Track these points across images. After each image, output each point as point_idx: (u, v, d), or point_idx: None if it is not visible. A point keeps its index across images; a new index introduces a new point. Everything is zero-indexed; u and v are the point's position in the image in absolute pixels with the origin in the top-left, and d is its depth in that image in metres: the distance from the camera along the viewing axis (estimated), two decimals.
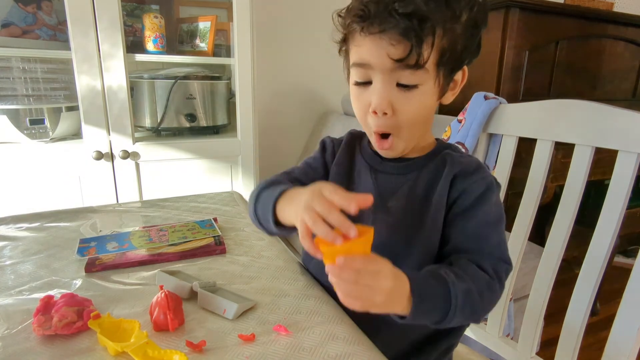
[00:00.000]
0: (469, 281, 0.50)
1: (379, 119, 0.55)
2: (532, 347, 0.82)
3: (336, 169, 0.67)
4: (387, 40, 0.50)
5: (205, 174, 1.51)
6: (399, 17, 0.48)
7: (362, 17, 0.51)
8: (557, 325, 0.78)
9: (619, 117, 0.68)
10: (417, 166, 0.61)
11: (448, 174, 0.59)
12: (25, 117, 1.29)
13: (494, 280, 0.53)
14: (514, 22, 1.68)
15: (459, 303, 0.48)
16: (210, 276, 0.66)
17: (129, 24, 1.48)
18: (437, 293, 0.48)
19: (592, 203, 0.90)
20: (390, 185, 0.62)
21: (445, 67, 0.54)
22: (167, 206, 1.00)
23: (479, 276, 0.52)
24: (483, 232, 0.57)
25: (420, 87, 0.53)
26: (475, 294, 0.50)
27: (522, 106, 0.87)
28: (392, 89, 0.53)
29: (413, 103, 0.54)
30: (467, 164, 0.60)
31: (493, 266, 0.54)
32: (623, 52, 1.99)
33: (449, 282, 0.48)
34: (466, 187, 0.57)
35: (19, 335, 0.51)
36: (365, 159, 0.65)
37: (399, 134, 0.57)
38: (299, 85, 2.04)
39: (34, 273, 0.67)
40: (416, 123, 0.56)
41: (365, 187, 0.63)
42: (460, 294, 0.48)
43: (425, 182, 0.60)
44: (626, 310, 0.67)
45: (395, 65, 0.51)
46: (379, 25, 0.50)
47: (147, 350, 0.46)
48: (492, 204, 0.58)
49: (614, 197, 0.69)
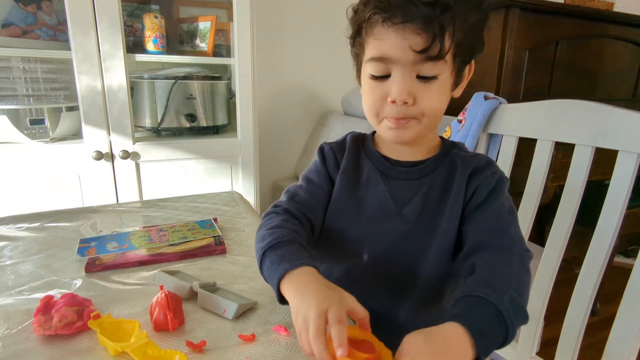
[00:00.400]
0: (507, 289, 0.48)
1: (399, 107, 0.54)
2: (532, 347, 0.82)
3: (343, 177, 0.64)
4: (411, 31, 0.50)
5: (205, 174, 1.51)
6: (422, 6, 0.48)
7: (383, 8, 0.50)
8: (558, 325, 0.78)
9: (619, 117, 0.68)
10: (429, 169, 0.61)
11: (462, 176, 0.59)
12: (25, 117, 1.29)
13: (523, 272, 0.53)
14: (514, 22, 1.67)
15: (512, 317, 0.46)
16: (210, 276, 0.66)
17: (129, 24, 1.48)
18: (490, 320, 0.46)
19: (592, 203, 0.90)
20: (404, 192, 0.61)
21: (460, 59, 0.55)
22: (167, 206, 1.00)
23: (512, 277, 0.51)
24: (501, 225, 0.57)
25: (439, 77, 0.53)
26: (517, 299, 0.48)
27: (522, 106, 0.87)
28: (412, 80, 0.53)
29: (433, 93, 0.54)
30: (478, 161, 0.60)
31: (519, 258, 0.54)
32: (623, 52, 1.99)
33: (493, 301, 0.46)
34: (480, 183, 0.58)
35: (19, 335, 0.51)
36: (374, 164, 0.63)
37: (420, 120, 0.56)
38: (299, 85, 2.04)
39: (34, 273, 0.67)
40: (436, 112, 0.56)
41: (378, 194, 0.62)
42: (509, 307, 0.46)
43: (440, 186, 0.60)
44: (626, 311, 0.67)
45: (417, 58, 0.51)
46: (402, 15, 0.49)
47: (147, 350, 0.46)
48: (505, 197, 0.58)
49: (614, 197, 0.69)
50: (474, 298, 0.47)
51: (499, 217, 0.57)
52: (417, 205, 0.60)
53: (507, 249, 0.54)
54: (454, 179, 0.59)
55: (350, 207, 0.63)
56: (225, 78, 1.55)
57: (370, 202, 0.62)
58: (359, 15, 0.54)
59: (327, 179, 0.65)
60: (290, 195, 0.64)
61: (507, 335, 0.46)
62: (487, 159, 0.61)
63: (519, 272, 0.52)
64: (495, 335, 0.46)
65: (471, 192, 0.58)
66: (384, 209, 0.61)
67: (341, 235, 0.63)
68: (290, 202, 0.62)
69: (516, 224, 0.58)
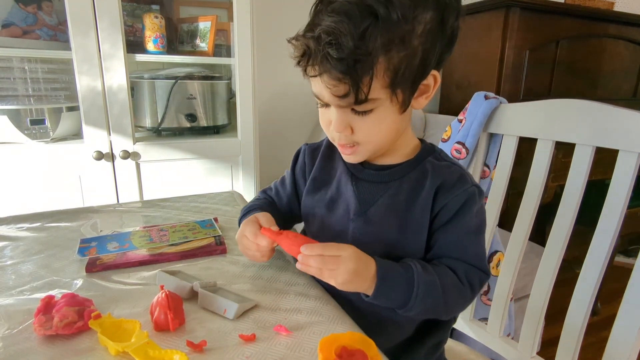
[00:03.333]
0: (435, 275, 0.54)
1: (341, 135, 0.57)
2: (533, 347, 0.82)
3: (313, 182, 0.68)
4: (327, 81, 0.51)
5: (205, 174, 1.51)
6: (334, 62, 0.48)
7: (304, 55, 0.52)
8: (558, 325, 0.77)
9: (619, 117, 0.68)
10: (398, 174, 0.61)
11: (431, 187, 0.59)
12: (25, 118, 1.29)
13: (463, 284, 0.56)
14: (514, 22, 1.67)
15: (420, 291, 0.52)
16: (210, 276, 0.66)
17: (129, 24, 1.48)
18: (400, 278, 0.53)
19: (592, 203, 0.90)
20: (371, 194, 0.62)
21: (402, 84, 0.52)
22: (168, 206, 1.00)
23: (447, 275, 0.56)
24: (461, 244, 0.59)
25: (375, 110, 0.53)
26: (438, 287, 0.54)
27: (522, 106, 0.87)
28: (348, 113, 0.54)
29: (370, 124, 0.55)
30: (449, 174, 0.59)
31: (466, 272, 0.57)
32: (623, 52, 1.99)
33: (414, 271, 0.53)
34: (447, 202, 0.58)
35: (19, 335, 0.51)
36: (346, 165, 0.65)
37: (363, 146, 0.58)
38: (299, 85, 2.04)
39: (35, 273, 0.67)
40: (378, 137, 0.57)
41: (347, 195, 0.63)
42: (423, 283, 0.53)
43: (407, 193, 0.60)
44: (627, 310, 0.67)
45: (344, 102, 0.52)
46: (318, 68, 0.51)
47: (148, 350, 0.46)
48: (472, 215, 0.59)
49: (615, 197, 0.69)
50: (405, 263, 0.55)
51: (461, 239, 0.59)
52: (381, 207, 0.61)
53: (459, 264, 0.58)
54: (423, 188, 0.59)
55: (319, 209, 0.66)
56: (225, 78, 1.55)
57: (339, 202, 0.64)
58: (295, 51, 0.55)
59: (292, 183, 0.73)
60: (265, 189, 0.78)
61: (407, 301, 0.53)
62: (460, 173, 0.60)
63: (457, 279, 0.56)
64: (395, 291, 0.53)
65: (438, 209, 0.58)
66: (349, 209, 0.62)
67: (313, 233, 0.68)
68: (263, 193, 0.77)
69: (479, 242, 0.60)
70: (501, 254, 1.19)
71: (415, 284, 0.53)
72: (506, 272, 0.86)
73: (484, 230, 0.61)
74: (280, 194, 0.74)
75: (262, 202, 0.73)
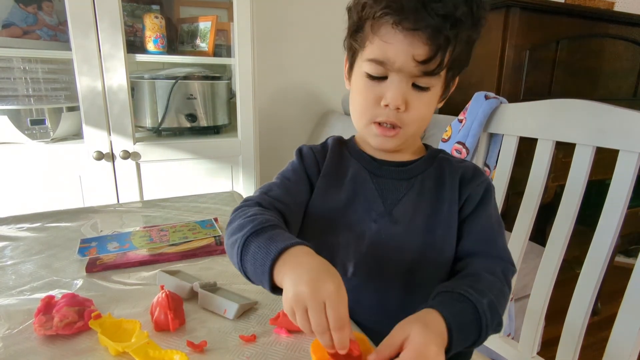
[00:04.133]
0: (489, 293, 0.49)
1: (390, 112, 0.54)
2: (533, 347, 0.82)
3: (325, 180, 0.61)
4: (418, 39, 0.49)
5: (205, 174, 1.51)
6: (435, 16, 0.48)
7: (396, 9, 0.49)
8: (558, 325, 0.77)
9: (619, 117, 0.68)
10: (418, 171, 0.60)
11: (453, 179, 0.59)
12: (26, 118, 1.29)
13: (504, 285, 0.53)
14: (514, 22, 1.67)
15: (488, 320, 0.46)
16: (210, 276, 0.66)
17: (130, 24, 1.48)
18: (468, 318, 0.46)
19: (593, 203, 0.90)
20: (393, 192, 0.59)
21: (452, 73, 0.55)
22: (168, 206, 1.00)
23: (494, 285, 0.51)
24: (489, 235, 0.57)
25: (432, 89, 0.54)
26: (496, 305, 0.49)
27: (522, 106, 0.87)
28: (408, 87, 0.53)
29: (424, 103, 0.55)
30: (466, 168, 0.60)
31: (503, 270, 0.54)
32: (624, 52, 1.99)
33: (474, 301, 0.47)
34: (471, 193, 0.58)
35: (20, 335, 0.51)
36: (361, 162, 0.62)
37: (406, 128, 0.56)
38: (299, 85, 2.04)
39: (35, 273, 0.67)
40: (423, 121, 0.57)
41: (368, 193, 0.59)
42: (487, 310, 0.47)
43: (432, 190, 0.59)
44: (627, 310, 0.67)
45: (417, 69, 0.51)
46: (414, 22, 0.48)
47: (148, 350, 0.46)
48: (492, 206, 0.59)
49: (615, 197, 0.69)
50: (455, 294, 0.47)
51: (487, 228, 0.58)
52: (407, 206, 0.58)
53: (492, 260, 0.55)
54: (445, 184, 0.59)
55: (333, 210, 0.60)
56: (225, 78, 1.55)
57: (357, 202, 0.59)
58: (366, 10, 0.52)
59: (305, 177, 0.62)
60: (264, 190, 0.59)
61: (479, 336, 0.46)
62: (474, 166, 0.61)
63: (500, 282, 0.53)
64: (468, 333, 0.46)
65: (464, 199, 0.58)
66: (371, 208, 0.59)
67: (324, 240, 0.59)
68: (263, 196, 0.56)
69: (503, 236, 0.59)
70: None
71: (482, 315, 0.46)
72: None
73: (504, 227, 0.60)
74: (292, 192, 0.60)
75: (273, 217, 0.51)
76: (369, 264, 0.58)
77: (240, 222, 0.49)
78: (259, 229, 0.46)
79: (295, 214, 0.59)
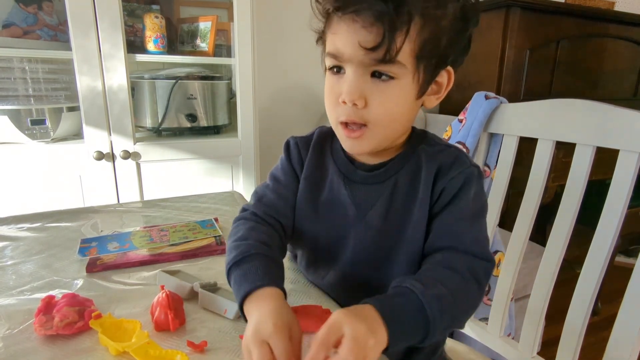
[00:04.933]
0: (439, 286, 0.46)
1: (349, 109, 0.50)
2: (533, 347, 0.82)
3: (306, 182, 0.61)
4: (361, 25, 0.46)
5: (206, 174, 1.51)
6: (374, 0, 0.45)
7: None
8: (558, 325, 0.77)
9: (620, 117, 0.68)
10: (392, 171, 0.57)
11: (427, 176, 0.55)
12: (26, 118, 1.29)
13: (468, 281, 0.49)
14: (514, 22, 1.67)
15: (435, 312, 0.44)
16: (211, 276, 0.66)
17: (130, 24, 1.48)
18: (408, 310, 0.44)
19: (593, 203, 0.90)
20: (368, 197, 0.58)
21: (426, 62, 0.50)
22: (168, 206, 1.00)
23: (450, 279, 0.48)
24: (456, 229, 0.53)
25: (397, 80, 0.49)
26: (448, 298, 0.46)
27: (523, 106, 0.87)
28: (365, 79, 0.49)
29: (389, 96, 0.50)
30: (445, 157, 0.56)
31: (467, 266, 0.50)
32: (624, 52, 1.99)
33: (417, 293, 0.44)
34: (445, 186, 0.54)
35: (20, 335, 0.51)
36: (337, 165, 0.60)
37: (373, 127, 0.51)
38: (299, 85, 2.04)
39: (35, 273, 0.67)
40: (391, 120, 0.52)
41: (340, 199, 0.59)
42: (434, 302, 0.44)
43: (404, 190, 0.56)
44: (627, 310, 0.67)
45: (368, 58, 0.47)
46: (353, 5, 0.46)
47: (149, 350, 0.46)
48: (470, 199, 0.54)
49: (615, 197, 0.69)
50: (401, 288, 0.46)
51: (457, 221, 0.54)
52: (380, 210, 0.57)
53: (457, 254, 0.51)
54: (419, 180, 0.56)
55: (313, 212, 0.60)
56: (225, 78, 1.55)
57: (332, 207, 0.59)
58: (317, 6, 0.52)
59: (293, 175, 0.63)
60: (258, 197, 0.62)
61: (427, 330, 0.44)
62: (456, 154, 0.56)
63: (459, 277, 0.49)
64: (411, 326, 0.44)
65: (437, 194, 0.55)
66: (346, 214, 0.58)
67: (310, 240, 0.62)
68: (258, 205, 0.60)
69: (479, 227, 0.54)
70: (502, 254, 1.19)
71: (427, 308, 0.44)
72: (506, 272, 0.86)
73: (484, 215, 0.56)
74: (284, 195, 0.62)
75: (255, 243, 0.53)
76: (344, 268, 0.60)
77: (230, 245, 0.55)
78: (239, 260, 0.51)
79: (290, 216, 0.62)
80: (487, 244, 0.55)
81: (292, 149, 0.64)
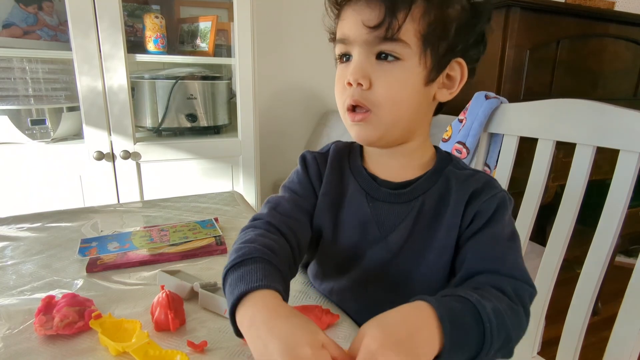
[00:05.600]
0: (494, 300, 0.42)
1: (354, 90, 0.50)
2: (534, 347, 0.82)
3: (324, 199, 0.58)
4: (364, 4, 0.48)
5: (206, 174, 1.51)
6: None
7: None
8: (559, 325, 0.77)
9: (620, 117, 0.68)
10: (419, 191, 0.54)
11: (459, 201, 0.53)
12: (26, 118, 1.29)
13: (516, 304, 0.45)
14: (514, 22, 1.67)
15: (493, 325, 0.39)
16: (211, 276, 0.66)
17: (130, 24, 1.49)
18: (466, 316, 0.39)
19: (593, 203, 0.90)
20: (391, 217, 0.55)
21: (433, 46, 0.49)
22: (168, 206, 1.00)
23: (500, 298, 0.44)
24: (497, 252, 0.50)
25: (402, 62, 0.48)
26: (504, 314, 0.41)
27: (523, 106, 0.87)
28: (370, 60, 0.49)
29: (394, 77, 0.49)
30: (476, 182, 0.53)
31: (514, 287, 0.47)
32: (624, 52, 1.99)
33: (473, 302, 0.40)
34: (479, 209, 0.52)
35: (20, 335, 0.51)
36: (358, 182, 0.57)
37: (378, 111, 0.50)
38: (299, 85, 2.04)
39: (36, 273, 0.67)
40: (395, 103, 0.50)
41: (362, 217, 0.56)
42: (492, 313, 0.40)
43: (431, 213, 0.54)
44: (628, 310, 0.67)
45: (372, 37, 0.48)
46: None
47: (149, 350, 0.46)
48: (505, 222, 0.52)
49: (616, 197, 0.69)
50: (453, 296, 0.42)
51: (496, 244, 0.51)
52: (403, 233, 0.54)
53: (501, 277, 0.48)
54: (448, 204, 0.53)
55: (331, 230, 0.58)
56: (225, 78, 1.56)
57: (352, 225, 0.56)
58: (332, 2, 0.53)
59: (311, 190, 0.59)
60: (272, 205, 0.57)
61: (482, 341, 0.39)
62: (486, 179, 0.54)
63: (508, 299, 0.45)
64: (468, 330, 0.39)
65: (469, 219, 0.52)
66: (367, 234, 0.56)
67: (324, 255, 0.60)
68: (272, 213, 0.55)
69: (517, 252, 0.52)
70: None
71: (484, 318, 0.39)
72: None
73: (519, 239, 0.53)
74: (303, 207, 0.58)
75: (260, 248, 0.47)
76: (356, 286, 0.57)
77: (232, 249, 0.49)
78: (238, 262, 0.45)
79: (307, 230, 0.57)
80: (526, 269, 0.51)
81: (310, 163, 0.61)
